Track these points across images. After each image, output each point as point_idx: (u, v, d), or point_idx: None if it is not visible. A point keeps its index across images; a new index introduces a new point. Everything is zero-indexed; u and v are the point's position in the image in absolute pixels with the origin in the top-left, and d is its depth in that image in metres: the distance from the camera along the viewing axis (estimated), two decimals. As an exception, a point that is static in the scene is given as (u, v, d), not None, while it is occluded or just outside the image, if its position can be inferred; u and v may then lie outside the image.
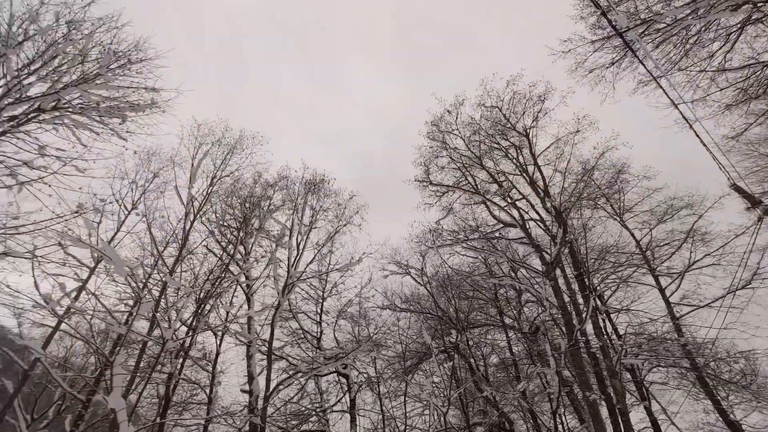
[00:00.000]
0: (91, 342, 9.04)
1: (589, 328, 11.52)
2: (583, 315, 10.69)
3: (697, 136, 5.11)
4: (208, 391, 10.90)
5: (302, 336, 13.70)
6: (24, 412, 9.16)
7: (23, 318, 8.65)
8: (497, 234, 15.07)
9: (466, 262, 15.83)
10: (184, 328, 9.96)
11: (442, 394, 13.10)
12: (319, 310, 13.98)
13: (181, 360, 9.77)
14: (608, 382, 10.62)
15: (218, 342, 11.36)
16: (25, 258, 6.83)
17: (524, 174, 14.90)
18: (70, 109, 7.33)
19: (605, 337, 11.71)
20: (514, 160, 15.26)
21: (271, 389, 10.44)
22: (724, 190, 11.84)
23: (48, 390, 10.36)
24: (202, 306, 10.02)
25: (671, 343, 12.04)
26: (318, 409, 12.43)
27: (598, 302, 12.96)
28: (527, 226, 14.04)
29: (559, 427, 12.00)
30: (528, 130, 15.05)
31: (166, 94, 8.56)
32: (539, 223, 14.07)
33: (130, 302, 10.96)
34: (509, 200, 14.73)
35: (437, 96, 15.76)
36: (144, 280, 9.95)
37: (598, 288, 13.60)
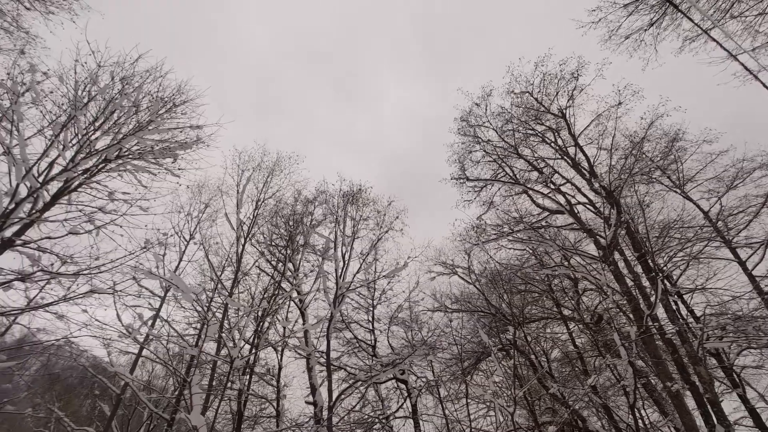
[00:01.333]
0: (168, 365, 9.85)
1: (660, 312, 10.60)
2: (652, 299, 9.86)
3: (765, 86, 4.63)
4: (275, 404, 11.42)
5: (357, 345, 13.93)
6: (120, 432, 10.16)
7: (111, 347, 9.62)
8: (544, 223, 14.42)
9: (514, 255, 15.29)
10: (247, 346, 10.54)
11: (505, 394, 12.67)
12: (370, 318, 14.15)
13: (248, 376, 10.35)
14: (691, 370, 9.68)
15: (279, 357, 11.91)
16: (108, 293, 7.62)
17: (565, 157, 14.15)
18: (130, 156, 8.16)
19: (681, 320, 10.71)
20: (552, 144, 14.57)
21: (333, 399, 10.70)
22: (805, 142, 10.51)
23: (137, 411, 11.40)
24: (261, 323, 10.57)
25: (762, 321, 10.76)
26: (381, 417, 12.52)
27: (667, 283, 11.89)
28: (575, 211, 13.29)
29: (639, 422, 11.09)
30: (564, 111, 14.32)
31: (208, 129, 9.27)
32: (588, 206, 13.27)
33: (198, 325, 11.82)
34: (552, 186, 14.04)
35: (463, 90, 15.51)
36: (208, 304, 10.69)
37: (665, 268, 12.51)
